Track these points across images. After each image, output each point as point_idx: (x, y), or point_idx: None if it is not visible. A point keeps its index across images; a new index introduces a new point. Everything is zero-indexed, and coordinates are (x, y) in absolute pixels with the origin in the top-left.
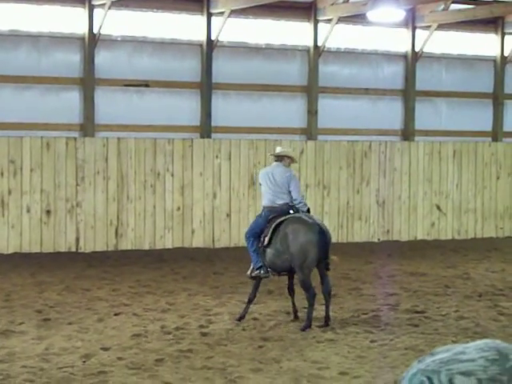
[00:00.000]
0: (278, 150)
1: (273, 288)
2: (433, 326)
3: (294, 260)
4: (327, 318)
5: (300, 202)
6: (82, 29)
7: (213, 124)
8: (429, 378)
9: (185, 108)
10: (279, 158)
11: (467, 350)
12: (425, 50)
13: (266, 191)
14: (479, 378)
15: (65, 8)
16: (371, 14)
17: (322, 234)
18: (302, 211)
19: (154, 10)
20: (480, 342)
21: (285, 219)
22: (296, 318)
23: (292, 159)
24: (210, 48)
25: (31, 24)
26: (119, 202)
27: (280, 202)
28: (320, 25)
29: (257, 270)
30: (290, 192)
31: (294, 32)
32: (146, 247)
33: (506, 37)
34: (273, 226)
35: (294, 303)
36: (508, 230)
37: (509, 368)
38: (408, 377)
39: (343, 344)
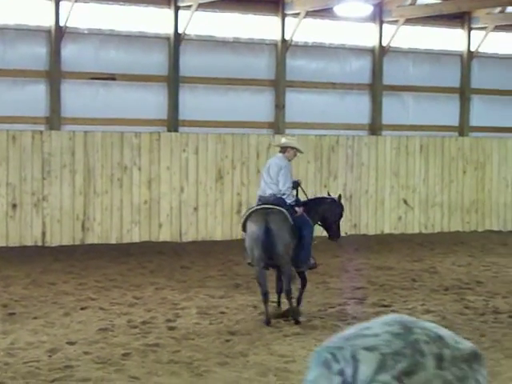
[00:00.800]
0: (283, 141)
1: (240, 282)
2: None
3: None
4: (291, 312)
5: (284, 194)
6: (48, 21)
7: (180, 118)
8: (333, 355)
9: (152, 101)
10: (283, 149)
11: (373, 325)
12: (392, 44)
13: (261, 181)
14: (382, 352)
15: (31, 0)
16: (339, 9)
17: (267, 233)
18: (287, 203)
19: (121, 3)
20: (386, 317)
21: (251, 212)
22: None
23: (296, 150)
24: (177, 41)
25: None
26: (86, 196)
27: (268, 192)
28: (288, 19)
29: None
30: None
31: (261, 26)
32: (113, 241)
33: (473, 32)
34: (244, 217)
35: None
36: (474, 224)
37: (412, 341)
38: (314, 355)
39: (310, 338)
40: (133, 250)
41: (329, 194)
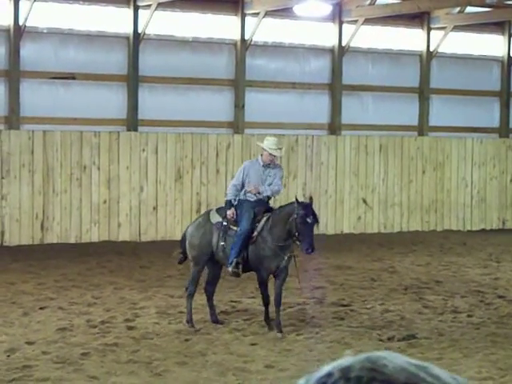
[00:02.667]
0: (265, 144)
1: (200, 281)
2: (358, 320)
3: None
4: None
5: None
6: (7, 20)
7: (139, 117)
8: None
9: (111, 101)
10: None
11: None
12: (351, 44)
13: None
14: None
15: None
16: (298, 8)
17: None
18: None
19: (81, 3)
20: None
21: None
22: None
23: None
24: (136, 41)
25: None
26: (45, 196)
27: None
28: (247, 18)
29: None
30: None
31: (221, 25)
32: (72, 241)
33: (432, 32)
34: None
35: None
36: (433, 224)
37: None
38: None
39: (269, 337)
40: (92, 250)
41: (297, 200)
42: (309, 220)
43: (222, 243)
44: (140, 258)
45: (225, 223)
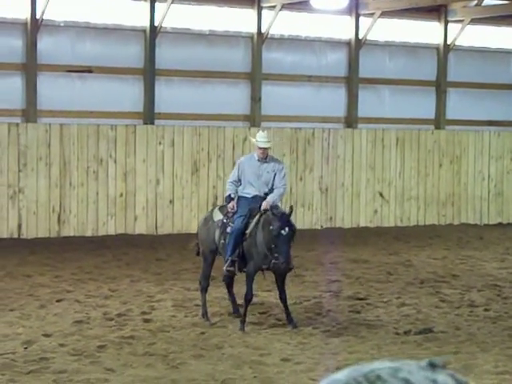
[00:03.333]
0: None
1: (215, 274)
2: (375, 313)
3: None
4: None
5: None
6: (24, 14)
7: (156, 110)
8: None
9: (128, 94)
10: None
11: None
12: (368, 37)
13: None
14: None
15: None
16: (315, 1)
17: None
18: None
19: None
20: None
21: None
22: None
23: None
24: (153, 34)
25: None
26: (62, 189)
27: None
28: (264, 11)
29: None
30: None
31: (237, 18)
32: (89, 234)
33: (449, 25)
34: None
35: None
36: (450, 217)
37: None
38: None
39: (285, 330)
40: (108, 243)
41: (272, 211)
42: (283, 232)
43: (222, 241)
44: (156, 250)
45: (225, 220)
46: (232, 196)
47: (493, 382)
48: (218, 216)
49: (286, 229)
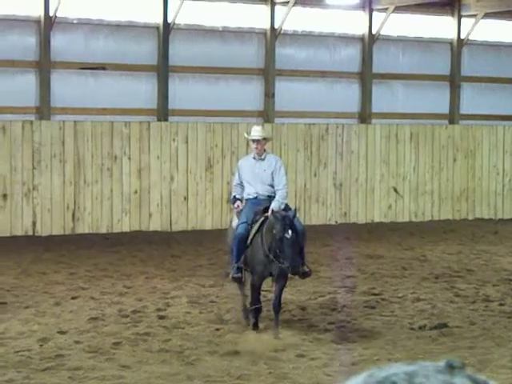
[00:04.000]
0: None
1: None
2: (389, 308)
3: None
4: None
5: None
6: (37, 11)
7: (170, 107)
8: None
9: (141, 91)
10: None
11: None
12: (382, 32)
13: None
14: None
15: None
16: None
17: None
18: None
19: None
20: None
21: None
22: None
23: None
24: (166, 31)
25: None
26: (76, 186)
27: None
28: (277, 7)
29: None
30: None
31: (250, 14)
32: (104, 231)
33: (463, 19)
34: None
35: None
36: (464, 212)
37: None
38: None
39: (300, 326)
40: (123, 240)
41: (296, 210)
42: (287, 235)
43: None
44: (171, 247)
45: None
46: (238, 197)
47: (508, 377)
48: (235, 221)
49: (290, 232)
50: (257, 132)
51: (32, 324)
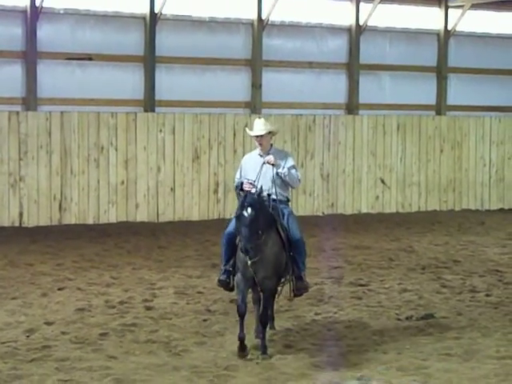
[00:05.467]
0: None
1: (217, 261)
2: (376, 299)
3: None
4: None
5: None
6: (24, 1)
7: (156, 98)
8: None
9: (128, 81)
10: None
11: None
12: (369, 23)
13: None
14: None
15: None
16: None
17: None
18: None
19: None
20: None
21: None
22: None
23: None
24: (153, 21)
25: None
26: (63, 177)
27: None
28: None
29: None
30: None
31: (237, 5)
32: (90, 221)
33: (450, 10)
34: None
35: None
36: (451, 203)
37: None
38: None
39: (287, 317)
40: (110, 231)
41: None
42: (245, 213)
43: None
44: (158, 238)
45: None
46: (243, 180)
47: (494, 367)
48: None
49: (249, 209)
50: (260, 126)
51: (19, 315)
